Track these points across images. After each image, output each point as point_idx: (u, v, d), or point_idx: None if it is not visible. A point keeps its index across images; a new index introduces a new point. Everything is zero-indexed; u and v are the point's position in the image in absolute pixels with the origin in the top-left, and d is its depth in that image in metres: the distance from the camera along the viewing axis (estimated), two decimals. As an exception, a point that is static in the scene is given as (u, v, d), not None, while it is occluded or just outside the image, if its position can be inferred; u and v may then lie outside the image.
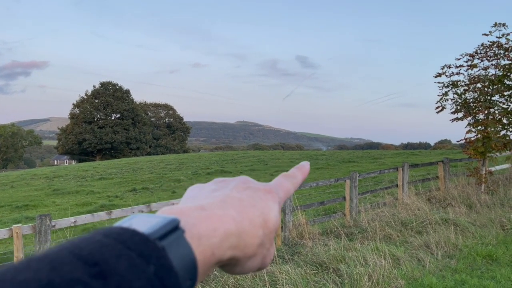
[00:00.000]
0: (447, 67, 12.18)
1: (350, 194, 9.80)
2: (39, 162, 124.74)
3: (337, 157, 35.08)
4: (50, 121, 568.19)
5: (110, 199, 20.21)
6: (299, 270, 6.25)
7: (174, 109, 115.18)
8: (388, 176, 15.76)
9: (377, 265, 6.27)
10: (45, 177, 33.26)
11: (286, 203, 8.31)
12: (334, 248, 7.13)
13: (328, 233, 8.72)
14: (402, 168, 11.27)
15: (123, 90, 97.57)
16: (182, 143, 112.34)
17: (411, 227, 8.85)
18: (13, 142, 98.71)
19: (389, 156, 33.15)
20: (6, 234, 5.28)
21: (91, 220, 6.07)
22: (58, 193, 23.67)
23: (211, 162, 36.96)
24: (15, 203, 20.46)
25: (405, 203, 10.22)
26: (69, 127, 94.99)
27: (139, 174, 31.40)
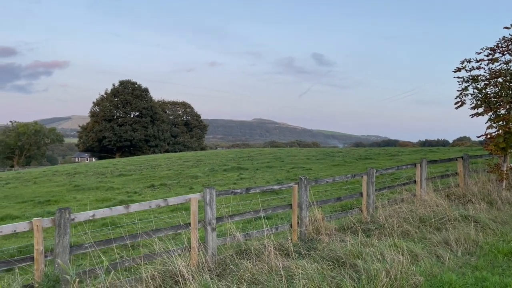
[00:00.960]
0: (467, 61, 11.93)
1: (367, 190, 9.70)
2: (61, 159, 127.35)
3: (354, 154, 34.76)
4: (72, 119, 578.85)
5: (129, 195, 20.50)
6: (316, 265, 6.23)
7: (191, 107, 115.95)
8: (405, 172, 15.55)
9: (394, 261, 6.20)
10: (66, 174, 33.95)
11: (302, 198, 8.29)
12: (351, 244, 7.09)
13: (344, 229, 8.67)
14: (420, 164, 11.10)
15: (141, 89, 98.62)
16: (200, 140, 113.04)
17: (429, 224, 8.72)
18: (36, 140, 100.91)
19: (407, 153, 32.67)
20: (27, 227, 5.42)
21: (109, 214, 6.17)
22: (79, 189, 24.14)
23: (227, 159, 37.09)
24: (38, 198, 20.96)
25: (423, 200, 10.07)
26: (90, 125, 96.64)
27: (157, 170, 31.74)
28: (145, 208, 6.59)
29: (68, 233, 5.62)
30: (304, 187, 8.35)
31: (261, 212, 7.80)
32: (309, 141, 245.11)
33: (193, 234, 6.72)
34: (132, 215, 12.73)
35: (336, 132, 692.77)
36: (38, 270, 5.35)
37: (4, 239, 12.37)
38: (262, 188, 8.37)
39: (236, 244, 7.36)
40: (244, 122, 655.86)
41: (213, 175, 26.49)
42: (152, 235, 6.47)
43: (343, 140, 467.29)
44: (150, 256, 6.37)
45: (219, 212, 9.15)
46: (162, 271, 6.12)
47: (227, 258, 6.83)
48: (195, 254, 6.64)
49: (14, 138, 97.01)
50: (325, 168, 25.90)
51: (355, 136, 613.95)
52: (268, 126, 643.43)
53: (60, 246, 5.56)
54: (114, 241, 6.15)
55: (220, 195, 7.32)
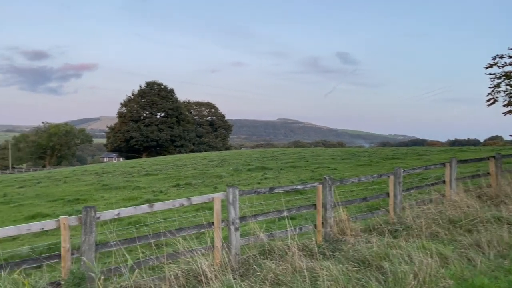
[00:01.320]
0: (499, 57, 11.51)
1: (394, 190, 9.46)
2: (90, 159, 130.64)
3: (380, 154, 34.13)
4: (100, 120, 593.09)
5: (155, 194, 20.79)
6: (341, 266, 6.10)
7: (216, 107, 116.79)
8: (434, 172, 15.12)
9: (423, 263, 6.00)
10: (95, 173, 34.76)
11: (327, 198, 8.15)
12: (377, 245, 6.91)
13: (370, 230, 8.48)
14: (450, 163, 10.75)
15: (167, 90, 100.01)
16: (224, 140, 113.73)
17: (459, 225, 8.42)
18: (66, 140, 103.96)
19: (435, 153, 31.82)
20: (54, 225, 5.52)
21: (133, 212, 6.23)
22: (107, 188, 24.66)
23: (252, 159, 37.11)
24: (67, 197, 21.53)
25: (453, 200, 9.75)
26: (117, 125, 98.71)
27: (182, 170, 32.08)
28: (169, 207, 6.62)
29: (93, 231, 5.70)
30: (329, 187, 8.22)
31: (284, 212, 7.72)
32: (334, 141, 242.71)
33: (216, 233, 6.71)
34: (157, 214, 12.88)
35: (362, 131, 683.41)
36: (64, 267, 5.44)
37: (35, 236, 12.75)
38: (286, 187, 8.29)
39: (259, 244, 7.31)
40: (269, 122, 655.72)
41: (237, 174, 26.55)
42: (176, 234, 6.50)
43: (369, 140, 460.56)
44: (173, 255, 6.39)
45: (242, 211, 9.13)
46: (186, 270, 6.13)
47: (250, 258, 6.78)
48: (218, 254, 6.62)
49: (46, 139, 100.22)
50: (350, 168, 25.54)
51: (382, 135, 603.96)
52: (293, 125, 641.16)
53: (86, 244, 5.64)
54: (138, 240, 6.20)
55: (243, 195, 7.28)
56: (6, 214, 17.82)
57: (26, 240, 12.15)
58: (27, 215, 16.60)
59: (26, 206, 19.71)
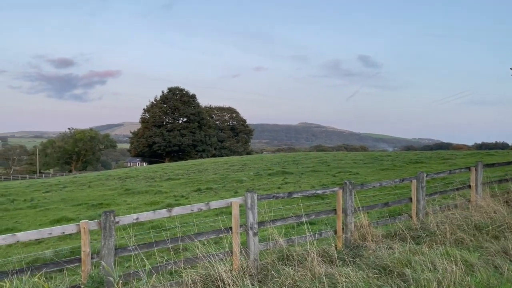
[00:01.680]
0: (528, 57, 11.08)
1: (417, 195, 9.23)
2: (114, 164, 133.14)
3: (404, 158, 33.50)
4: (124, 125, 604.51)
5: (176, 199, 20.96)
6: (361, 273, 5.97)
7: (237, 112, 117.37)
8: (459, 176, 14.70)
9: (447, 271, 5.81)
10: (118, 178, 35.35)
11: (347, 203, 8.02)
12: (399, 252, 6.74)
13: (392, 236, 8.28)
14: (475, 167, 10.42)
15: (189, 95, 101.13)
16: (245, 145, 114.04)
17: (486, 231, 8.14)
18: (91, 146, 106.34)
19: (461, 157, 31.01)
20: (75, 229, 5.61)
21: (152, 217, 6.26)
22: (129, 192, 25.02)
23: (272, 163, 37.01)
24: (91, 201, 21.95)
25: (479, 206, 9.44)
26: (140, 131, 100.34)
27: (204, 175, 32.27)
28: (187, 211, 6.63)
29: (113, 235, 5.75)
30: (349, 192, 8.08)
31: (303, 217, 7.62)
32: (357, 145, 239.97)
33: (235, 238, 6.68)
34: (178, 219, 12.95)
35: (385, 135, 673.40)
36: (84, 271, 5.51)
37: (59, 240, 13.01)
38: (305, 192, 8.19)
39: (278, 249, 7.23)
40: (290, 126, 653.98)
41: (258, 179, 26.51)
42: (194, 239, 6.49)
43: (392, 144, 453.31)
44: (191, 260, 6.39)
45: (261, 216, 9.08)
46: (204, 275, 6.11)
47: (268, 264, 6.72)
48: (236, 259, 6.58)
49: (71, 144, 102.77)
50: (373, 173, 25.14)
51: (406, 139, 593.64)
52: (314, 130, 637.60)
53: (105, 248, 5.70)
54: (156, 244, 6.23)
55: (261, 199, 7.23)
56: (32, 218, 18.29)
57: (50, 244, 12.42)
58: (52, 219, 16.98)
59: (51, 210, 20.18)
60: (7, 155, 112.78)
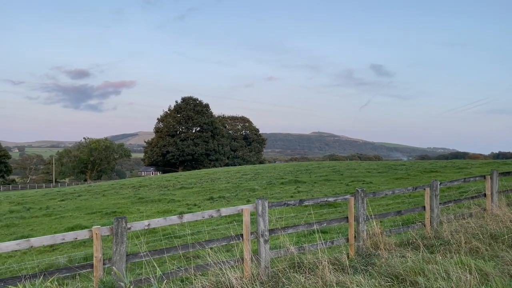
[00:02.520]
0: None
1: (431, 204, 9.11)
2: (129, 173, 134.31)
3: (418, 167, 33.08)
4: (138, 135, 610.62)
5: (189, 207, 21.03)
6: (373, 281, 5.90)
7: (250, 121, 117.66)
8: (474, 185, 14.46)
9: (461, 280, 5.70)
10: (132, 187, 35.66)
11: (359, 211, 7.95)
12: (412, 260, 6.64)
13: (405, 244, 8.17)
14: (491, 176, 10.25)
15: (202, 105, 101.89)
16: (258, 154, 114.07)
17: (502, 241, 7.97)
18: (106, 155, 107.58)
19: (477, 166, 30.50)
20: (87, 235, 5.68)
21: (163, 223, 6.30)
22: (143, 201, 25.21)
23: (285, 172, 36.92)
24: (105, 209, 22.17)
25: (494, 214, 9.26)
26: (154, 140, 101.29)
27: (216, 183, 32.35)
28: (198, 218, 6.65)
29: (124, 241, 5.81)
30: (361, 200, 8.02)
31: (315, 225, 7.58)
32: (371, 154, 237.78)
33: (246, 245, 6.67)
34: (190, 227, 12.99)
35: (400, 144, 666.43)
36: (96, 277, 5.56)
37: (73, 247, 13.15)
38: (316, 200, 8.15)
39: (289, 257, 7.20)
40: (303, 136, 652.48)
41: (270, 188, 26.46)
42: (205, 246, 6.51)
43: (407, 153, 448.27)
44: (202, 267, 6.40)
45: (271, 224, 9.05)
46: (214, 282, 6.11)
47: (279, 272, 6.68)
48: (247, 266, 6.57)
49: (87, 154, 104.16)
50: (386, 182, 24.88)
51: (420, 148, 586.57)
52: (327, 139, 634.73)
53: (117, 254, 5.75)
54: (167, 251, 6.26)
55: (272, 207, 7.23)
56: (47, 225, 18.54)
57: (64, 251, 12.57)
58: (66, 226, 17.19)
59: (66, 218, 20.44)
60: (24, 164, 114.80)
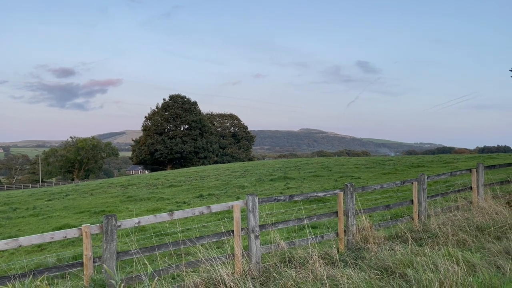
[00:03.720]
0: (526, 58, 11.11)
1: (418, 197, 9.23)
2: (117, 172, 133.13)
3: (405, 162, 33.46)
4: (126, 133, 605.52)
5: (178, 205, 20.96)
6: (363, 274, 5.97)
7: (239, 118, 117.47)
8: (460, 178, 14.70)
9: (449, 271, 5.80)
10: (120, 186, 35.38)
11: (348, 205, 8.03)
12: (400, 253, 6.74)
13: (394, 238, 8.28)
14: (476, 169, 10.43)
15: (191, 102, 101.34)
16: (247, 151, 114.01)
17: (488, 232, 8.13)
18: (93, 154, 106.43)
19: (463, 160, 30.96)
20: (77, 233, 5.63)
21: (153, 221, 6.28)
22: (131, 199, 25.04)
23: (274, 169, 37.00)
24: (94, 209, 21.97)
25: (480, 207, 9.43)
26: (142, 138, 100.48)
27: (206, 181, 32.28)
28: (189, 215, 6.65)
29: (115, 239, 5.77)
30: (350, 194, 8.10)
31: (305, 220, 7.63)
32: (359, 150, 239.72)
33: (236, 241, 6.69)
34: (180, 224, 12.96)
35: (387, 140, 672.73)
36: (87, 275, 5.53)
37: (62, 247, 13.03)
38: (306, 195, 8.20)
39: (280, 252, 7.24)
40: (291, 133, 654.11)
41: (260, 185, 26.50)
42: (196, 242, 6.51)
43: (394, 148, 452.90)
44: (194, 264, 6.40)
45: (262, 220, 9.09)
46: (206, 278, 6.12)
47: (270, 267, 6.72)
48: (238, 262, 6.59)
49: (74, 153, 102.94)
50: (374, 177, 25.12)
51: (407, 144, 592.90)
52: (316, 135, 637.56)
53: (107, 252, 5.72)
54: (158, 248, 6.24)
55: (262, 202, 7.25)
56: (35, 226, 18.32)
57: (53, 251, 12.43)
58: (54, 226, 17.00)
59: (54, 218, 20.21)
60: (9, 164, 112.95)
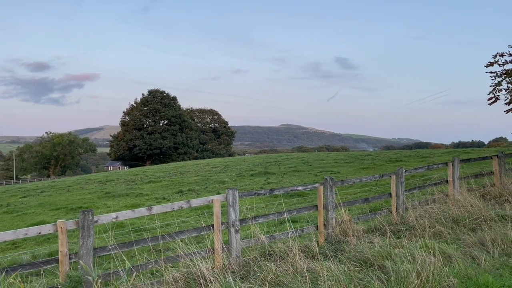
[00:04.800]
0: (500, 55, 11.40)
1: (396, 191, 9.37)
2: (94, 168, 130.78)
3: (384, 157, 33.98)
4: (104, 129, 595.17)
5: (157, 201, 20.74)
6: (342, 266, 6.02)
7: (219, 114, 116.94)
8: (437, 172, 15.01)
9: (426, 262, 5.90)
10: (98, 182, 34.78)
11: (328, 199, 8.08)
12: (379, 245, 6.82)
13: (373, 230, 8.38)
14: (452, 163, 10.65)
15: (170, 97, 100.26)
16: (228, 147, 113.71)
17: (463, 224, 8.31)
18: (70, 150, 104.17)
19: (439, 155, 31.65)
20: (51, 229, 5.48)
21: (132, 216, 6.17)
22: (110, 196, 24.65)
23: (255, 164, 37.03)
24: (70, 205, 21.52)
25: (456, 200, 9.63)
26: (121, 134, 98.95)
27: (186, 177, 32.04)
28: (168, 210, 6.56)
29: (91, 235, 5.65)
30: (330, 188, 8.14)
31: (285, 213, 7.64)
32: (338, 145, 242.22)
33: (216, 236, 6.64)
34: (160, 219, 12.80)
35: (366, 135, 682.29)
36: (62, 272, 5.39)
37: (37, 244, 12.71)
38: (286, 189, 8.21)
39: (260, 246, 7.23)
40: (272, 128, 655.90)
41: (240, 180, 26.47)
42: (175, 237, 6.43)
43: (373, 144, 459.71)
44: (173, 259, 6.32)
45: (242, 214, 9.05)
46: (185, 273, 6.06)
47: (251, 260, 6.70)
48: (218, 257, 6.55)
49: (49, 149, 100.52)
50: (353, 172, 25.41)
51: (386, 139, 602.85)
52: (296, 131, 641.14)
53: (84, 248, 5.59)
54: (136, 243, 6.14)
55: (243, 197, 7.22)
56: (9, 223, 17.83)
57: (28, 248, 12.12)
58: (29, 223, 16.58)
59: (29, 215, 19.72)
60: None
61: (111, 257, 6.96)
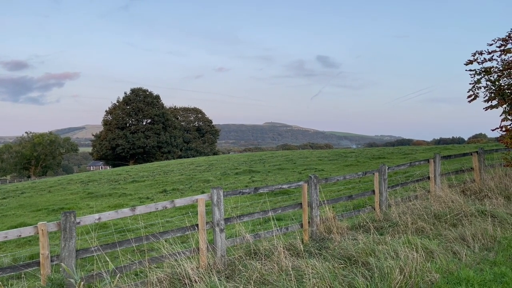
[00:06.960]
0: (479, 53, 11.60)
1: (380, 188, 9.48)
2: (77, 168, 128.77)
3: (367, 154, 34.34)
4: (86, 128, 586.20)
5: (141, 201, 20.52)
6: (327, 264, 6.06)
7: (203, 112, 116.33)
8: (419, 169, 15.23)
9: (409, 258, 6.00)
10: (80, 182, 34.23)
11: (312, 197, 8.12)
12: (363, 242, 6.89)
13: (357, 228, 8.47)
14: (434, 159, 10.82)
15: (153, 96, 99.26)
16: (212, 145, 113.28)
17: (445, 220, 8.46)
18: (51, 150, 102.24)
19: (421, 152, 32.14)
20: (32, 231, 5.37)
21: (115, 216, 6.09)
22: (92, 196, 24.29)
23: (239, 163, 36.99)
24: (52, 206, 21.12)
25: (438, 196, 9.80)
26: (103, 133, 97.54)
27: (170, 176, 31.79)
28: (152, 210, 6.50)
29: (74, 236, 5.56)
30: (314, 186, 8.19)
31: (270, 212, 7.65)
32: (322, 143, 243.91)
33: (201, 235, 6.61)
34: (143, 220, 12.68)
35: (349, 133, 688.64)
36: (43, 275, 5.29)
37: (17, 246, 12.45)
38: (271, 187, 8.23)
39: (245, 245, 7.23)
40: (256, 126, 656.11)
41: (225, 178, 26.41)
42: (159, 237, 6.38)
43: (356, 141, 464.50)
44: (157, 259, 6.27)
45: (227, 213, 9.04)
46: (170, 274, 6.02)
47: (236, 259, 6.70)
48: (203, 256, 6.52)
49: (30, 149, 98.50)
50: (337, 169, 25.61)
51: (368, 136, 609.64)
52: (280, 129, 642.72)
53: (66, 250, 5.50)
54: (120, 244, 6.07)
55: (227, 196, 7.20)
56: (-12, 225, 17.39)
57: (8, 250, 11.85)
58: (9, 225, 16.20)
59: (9, 216, 19.28)
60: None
61: (94, 259, 6.87)
